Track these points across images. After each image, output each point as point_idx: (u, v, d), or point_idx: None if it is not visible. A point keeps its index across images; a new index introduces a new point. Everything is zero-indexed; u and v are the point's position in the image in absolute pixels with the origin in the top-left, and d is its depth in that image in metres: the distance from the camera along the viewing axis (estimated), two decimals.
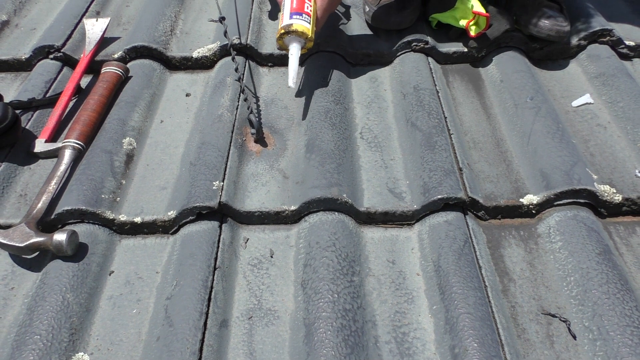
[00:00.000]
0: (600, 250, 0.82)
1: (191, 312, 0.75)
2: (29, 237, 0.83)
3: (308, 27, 1.03)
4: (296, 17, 1.03)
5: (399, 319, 0.79)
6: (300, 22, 1.03)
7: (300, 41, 1.04)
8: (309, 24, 1.04)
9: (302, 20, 1.03)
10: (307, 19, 1.04)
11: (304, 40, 1.04)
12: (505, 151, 1.00)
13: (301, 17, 1.03)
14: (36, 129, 1.06)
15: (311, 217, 0.89)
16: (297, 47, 1.04)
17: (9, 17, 1.36)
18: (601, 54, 1.16)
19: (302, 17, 1.03)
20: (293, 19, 1.03)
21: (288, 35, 1.04)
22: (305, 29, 1.03)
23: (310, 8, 1.06)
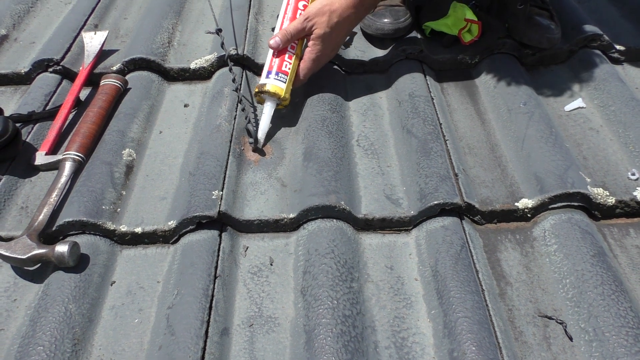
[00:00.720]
0: (595, 252, 0.83)
1: (192, 320, 0.76)
2: (31, 249, 0.84)
3: (282, 88, 1.05)
4: (272, 77, 1.05)
5: (398, 324, 0.80)
6: (275, 83, 1.05)
7: (275, 100, 1.06)
8: (284, 83, 1.05)
9: (277, 80, 1.05)
10: (283, 79, 1.05)
11: (275, 99, 1.06)
12: (499, 156, 1.02)
13: (277, 77, 1.05)
14: (36, 142, 1.07)
15: (310, 224, 0.91)
16: (270, 106, 1.06)
17: (8, 32, 1.37)
18: (592, 59, 1.18)
19: (278, 76, 1.05)
20: (269, 78, 1.06)
21: (262, 94, 1.06)
22: (279, 89, 1.04)
23: (290, 66, 1.06)
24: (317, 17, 1.05)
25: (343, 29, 1.08)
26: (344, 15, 1.06)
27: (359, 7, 1.07)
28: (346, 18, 1.07)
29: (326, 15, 1.05)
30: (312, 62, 1.08)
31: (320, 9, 1.05)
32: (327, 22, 1.05)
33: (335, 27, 1.06)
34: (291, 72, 1.07)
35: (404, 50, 1.20)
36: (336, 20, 1.05)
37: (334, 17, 1.05)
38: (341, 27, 1.07)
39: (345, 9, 1.06)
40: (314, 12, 1.05)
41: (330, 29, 1.05)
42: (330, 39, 1.07)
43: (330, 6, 1.05)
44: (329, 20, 1.05)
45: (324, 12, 1.05)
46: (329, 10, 1.05)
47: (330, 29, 1.05)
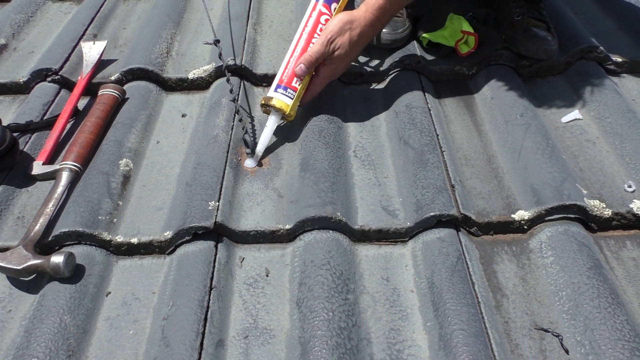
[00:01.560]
0: (591, 265, 0.83)
1: (187, 332, 0.76)
2: (27, 259, 0.84)
3: (288, 104, 1.04)
4: (280, 92, 1.05)
5: (393, 336, 0.80)
6: (282, 98, 1.04)
7: (279, 114, 1.05)
8: (291, 99, 1.05)
9: (285, 95, 1.05)
10: (291, 94, 1.05)
11: (279, 114, 1.05)
12: (496, 167, 1.02)
13: (285, 92, 1.05)
14: (34, 152, 1.08)
15: (306, 235, 0.90)
16: (274, 120, 1.05)
17: (7, 41, 1.38)
18: (589, 71, 1.19)
19: (286, 91, 1.05)
20: (277, 92, 1.05)
21: (268, 107, 1.06)
22: (285, 105, 1.04)
23: (299, 83, 1.06)
24: (339, 38, 1.04)
25: (359, 47, 1.08)
26: (362, 34, 1.05)
27: (376, 25, 1.07)
28: (364, 36, 1.06)
29: (347, 35, 1.04)
30: (326, 79, 1.09)
31: (341, 28, 1.04)
32: (349, 42, 1.04)
33: (354, 46, 1.06)
34: (300, 88, 1.06)
35: (401, 61, 1.21)
36: (356, 40, 1.05)
37: (354, 37, 1.04)
38: (358, 45, 1.07)
39: (364, 27, 1.05)
40: (336, 32, 1.03)
41: (350, 48, 1.05)
42: (347, 58, 1.07)
43: (351, 24, 1.04)
44: (350, 41, 1.04)
45: (345, 32, 1.04)
46: (350, 29, 1.04)
47: (350, 48, 1.05)
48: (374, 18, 1.05)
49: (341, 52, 1.04)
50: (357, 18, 1.05)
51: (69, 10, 1.55)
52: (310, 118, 1.09)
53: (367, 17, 1.05)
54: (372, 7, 1.04)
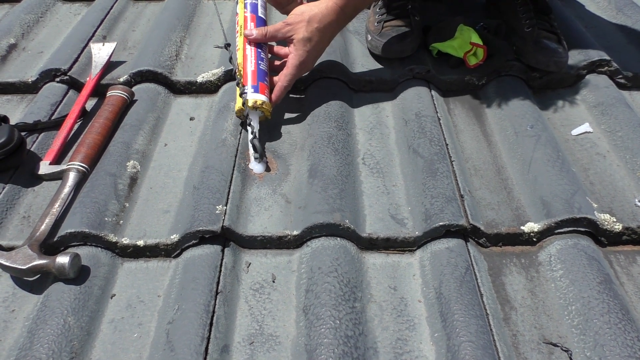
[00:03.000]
0: (601, 280, 0.82)
1: (193, 337, 0.75)
2: (32, 259, 0.83)
3: (240, 99, 1.06)
4: (238, 97, 1.08)
5: (400, 346, 0.79)
6: (237, 100, 1.07)
7: (255, 112, 1.07)
8: (240, 93, 1.06)
9: (239, 97, 1.07)
10: (241, 89, 1.07)
11: (256, 111, 1.07)
12: (506, 179, 1.01)
13: (239, 94, 1.07)
14: (41, 151, 1.07)
15: (313, 242, 0.90)
16: (254, 119, 1.06)
17: (17, 41, 1.38)
18: (600, 84, 1.18)
19: (238, 90, 1.08)
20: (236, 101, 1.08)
21: (241, 117, 1.10)
22: (239, 101, 1.06)
23: (238, 72, 1.09)
24: (296, 22, 1.08)
25: (324, 35, 1.10)
26: (324, 21, 1.08)
27: (339, 14, 1.09)
28: (327, 25, 1.08)
29: (305, 21, 1.07)
30: (295, 68, 1.09)
31: (299, 14, 1.08)
32: (306, 28, 1.07)
33: (316, 33, 1.08)
34: (239, 72, 1.09)
35: (411, 70, 1.21)
36: (316, 26, 1.07)
37: (314, 23, 1.07)
38: (322, 33, 1.09)
39: (325, 15, 1.07)
40: (292, 18, 1.09)
41: (309, 34, 1.07)
42: (310, 44, 1.08)
43: (309, 12, 1.07)
44: (307, 26, 1.07)
45: (303, 19, 1.07)
46: (309, 16, 1.07)
47: (309, 34, 1.07)
48: (335, 6, 1.08)
49: (300, 36, 1.07)
50: (316, 5, 1.08)
51: (79, 11, 1.55)
52: (319, 124, 1.08)
53: (328, 4, 1.08)
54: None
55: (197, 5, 1.53)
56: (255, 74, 1.09)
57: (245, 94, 1.06)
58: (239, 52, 1.12)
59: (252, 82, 1.07)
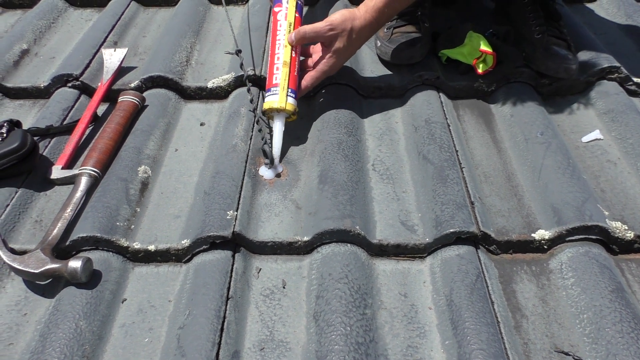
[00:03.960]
0: (613, 288, 0.82)
1: (204, 342, 0.75)
2: (44, 263, 0.84)
3: (275, 100, 1.05)
4: (266, 95, 1.07)
5: (411, 354, 0.79)
6: (269, 99, 1.06)
7: (281, 115, 1.06)
8: (276, 95, 1.05)
9: (270, 95, 1.06)
10: (275, 92, 1.05)
11: (282, 114, 1.06)
12: (516, 186, 1.01)
13: (270, 93, 1.06)
14: (53, 156, 1.08)
15: (324, 248, 0.90)
16: (279, 122, 1.06)
17: (29, 46, 1.39)
18: (610, 91, 1.18)
19: (270, 92, 1.06)
20: (265, 99, 1.07)
21: (265, 115, 1.09)
22: (272, 102, 1.05)
23: (278, 78, 1.06)
24: (340, 30, 1.05)
25: (357, 46, 1.10)
26: (362, 33, 1.07)
27: (374, 26, 1.08)
28: (362, 37, 1.08)
29: (347, 30, 1.05)
30: (323, 73, 1.09)
31: (344, 21, 1.05)
32: (347, 38, 1.05)
33: (352, 44, 1.08)
34: (282, 80, 1.06)
35: (420, 76, 1.21)
36: (354, 37, 1.06)
37: (354, 34, 1.06)
38: (356, 44, 1.09)
39: (363, 28, 1.07)
40: (338, 22, 1.05)
41: (348, 44, 1.07)
42: (345, 54, 1.09)
43: (352, 21, 1.05)
44: (348, 36, 1.05)
45: (347, 27, 1.05)
46: (352, 25, 1.05)
47: (348, 44, 1.07)
48: (372, 19, 1.07)
49: (340, 46, 1.06)
50: (358, 17, 1.06)
51: (90, 17, 1.57)
52: (329, 130, 1.08)
53: (366, 17, 1.06)
54: (372, 9, 1.06)
55: (207, 11, 1.54)
56: (296, 80, 1.08)
57: (273, 95, 1.05)
58: (286, 49, 1.09)
59: (293, 87, 1.07)
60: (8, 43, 1.37)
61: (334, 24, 1.05)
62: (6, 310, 0.84)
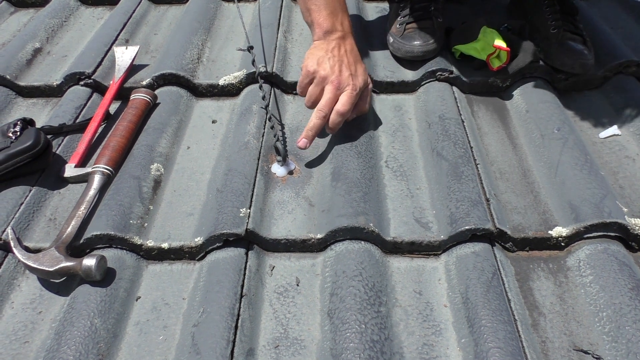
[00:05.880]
0: (633, 286, 0.80)
1: (218, 340, 0.75)
2: (59, 261, 0.84)
3: None
4: None
5: (426, 352, 0.78)
6: None
7: None
8: None
9: None
10: None
11: None
12: (532, 182, 0.99)
13: None
14: (66, 154, 1.08)
15: (337, 245, 0.89)
16: None
17: (42, 45, 1.40)
18: (627, 85, 1.16)
19: None
20: None
21: None
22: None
23: None
24: (337, 78, 1.01)
25: (355, 61, 1.06)
26: (350, 57, 1.04)
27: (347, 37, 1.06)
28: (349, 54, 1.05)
29: (336, 72, 1.01)
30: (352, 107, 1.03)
31: (331, 68, 1.01)
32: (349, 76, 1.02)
33: (350, 66, 1.03)
34: None
35: (433, 72, 1.20)
36: (346, 63, 1.03)
37: (345, 69, 1.02)
38: (352, 62, 1.04)
39: (347, 50, 1.05)
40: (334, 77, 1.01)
41: (352, 76, 1.02)
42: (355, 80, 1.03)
43: (337, 59, 1.02)
44: (343, 72, 1.01)
45: (335, 70, 1.01)
46: (339, 63, 1.02)
47: (352, 76, 1.02)
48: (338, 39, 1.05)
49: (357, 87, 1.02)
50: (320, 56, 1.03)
51: (102, 15, 1.57)
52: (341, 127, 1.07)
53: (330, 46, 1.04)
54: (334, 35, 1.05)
55: (218, 8, 1.53)
56: None
57: None
58: None
59: None
60: (21, 42, 1.38)
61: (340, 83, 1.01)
62: (21, 309, 0.85)
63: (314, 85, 1.03)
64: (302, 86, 1.05)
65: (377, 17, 1.45)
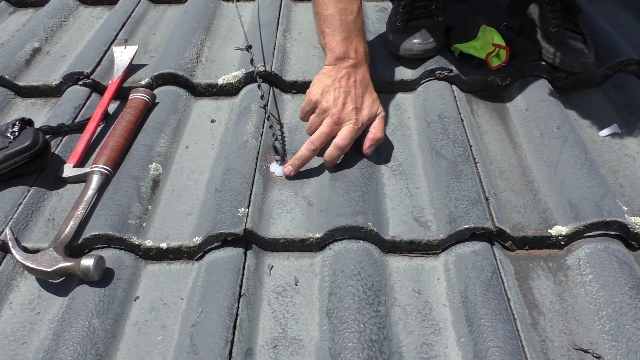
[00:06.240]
0: (633, 284, 0.80)
1: (217, 340, 0.75)
2: (57, 261, 0.84)
3: None
4: None
5: (425, 351, 0.77)
6: None
7: None
8: None
9: None
10: None
11: None
12: (531, 181, 0.99)
13: None
14: (65, 154, 1.08)
15: (336, 245, 0.89)
16: None
17: (41, 45, 1.40)
18: (627, 84, 1.16)
19: None
20: None
21: None
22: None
23: None
24: (339, 112, 0.98)
25: (364, 93, 1.02)
26: (359, 88, 1.01)
27: (360, 66, 1.03)
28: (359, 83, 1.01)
29: (339, 105, 0.98)
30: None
31: (334, 101, 0.98)
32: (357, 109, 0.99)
33: (356, 99, 1.00)
34: None
35: (433, 71, 1.19)
36: (353, 95, 0.99)
37: (349, 102, 0.98)
38: (359, 95, 1.01)
39: (357, 81, 1.01)
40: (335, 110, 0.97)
41: (356, 110, 0.99)
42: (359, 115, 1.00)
43: (343, 90, 0.99)
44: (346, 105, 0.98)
45: (339, 103, 0.98)
46: (345, 95, 0.99)
47: (356, 110, 0.99)
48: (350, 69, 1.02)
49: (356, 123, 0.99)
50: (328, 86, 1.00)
51: (101, 15, 1.57)
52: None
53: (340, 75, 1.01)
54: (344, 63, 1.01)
55: (217, 7, 1.53)
56: None
57: None
58: None
59: None
60: (20, 42, 1.38)
61: (340, 119, 0.98)
62: (20, 309, 0.85)
63: (316, 115, 1.00)
64: (304, 113, 1.03)
65: (377, 16, 1.45)
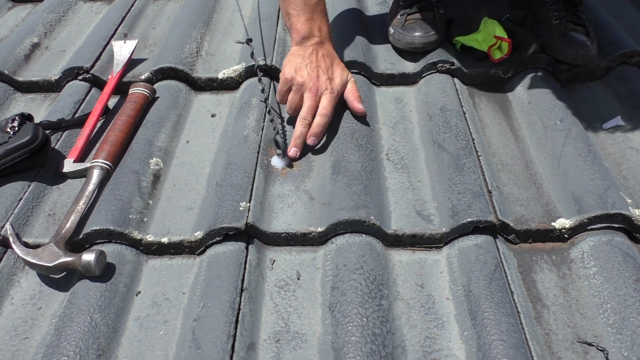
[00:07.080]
0: (637, 277, 0.79)
1: (219, 334, 0.75)
2: (58, 256, 0.84)
3: None
4: None
5: (429, 345, 0.77)
6: None
7: None
8: None
9: None
10: None
11: None
12: (535, 174, 0.99)
13: None
14: (65, 149, 1.08)
15: (338, 239, 0.88)
16: None
17: (40, 40, 1.39)
18: (630, 76, 1.15)
19: None
20: None
21: None
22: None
23: None
24: (315, 84, 1.04)
25: (332, 64, 1.08)
26: (327, 60, 1.07)
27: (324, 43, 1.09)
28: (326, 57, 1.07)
29: (314, 78, 1.04)
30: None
31: (309, 75, 1.04)
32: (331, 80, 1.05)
33: (327, 70, 1.06)
34: None
35: (434, 64, 1.18)
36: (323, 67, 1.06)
37: (322, 74, 1.05)
38: (329, 66, 1.07)
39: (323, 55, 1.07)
40: (311, 83, 1.04)
41: (329, 80, 1.05)
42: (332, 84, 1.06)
43: (314, 65, 1.05)
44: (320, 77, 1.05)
45: (313, 76, 1.04)
46: (316, 69, 1.05)
47: (329, 80, 1.05)
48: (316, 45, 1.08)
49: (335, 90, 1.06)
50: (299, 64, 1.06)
51: (100, 9, 1.56)
52: (341, 120, 1.07)
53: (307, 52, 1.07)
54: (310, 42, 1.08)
55: (217, 1, 1.52)
56: None
57: None
58: None
59: None
60: (19, 37, 1.37)
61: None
62: (21, 304, 0.84)
63: (293, 92, 1.05)
64: (282, 94, 1.07)
65: (378, 9, 1.44)
